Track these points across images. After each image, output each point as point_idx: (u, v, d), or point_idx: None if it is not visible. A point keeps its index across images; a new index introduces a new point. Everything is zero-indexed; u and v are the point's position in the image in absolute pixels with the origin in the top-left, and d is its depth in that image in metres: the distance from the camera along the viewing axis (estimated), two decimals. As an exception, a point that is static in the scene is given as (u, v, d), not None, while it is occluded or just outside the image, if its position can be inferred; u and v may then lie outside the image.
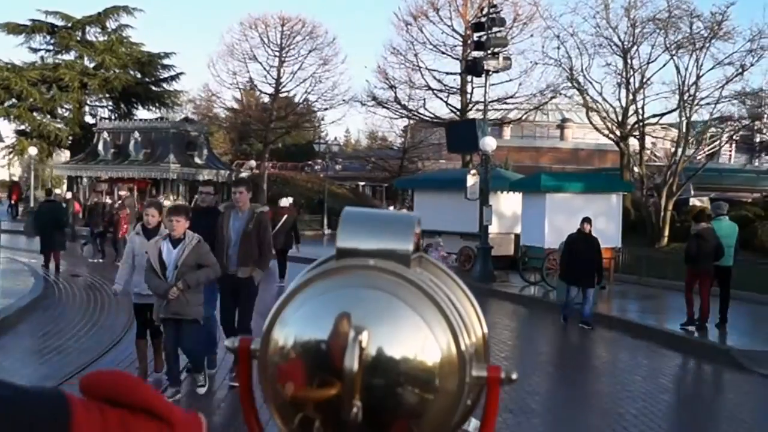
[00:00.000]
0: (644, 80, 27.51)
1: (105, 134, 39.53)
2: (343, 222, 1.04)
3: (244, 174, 40.31)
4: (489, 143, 19.97)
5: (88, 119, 43.81)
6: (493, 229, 21.01)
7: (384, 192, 49.00)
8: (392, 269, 0.98)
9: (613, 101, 28.71)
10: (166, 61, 44.39)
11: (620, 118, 28.20)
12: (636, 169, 27.39)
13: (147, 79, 44.54)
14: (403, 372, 0.93)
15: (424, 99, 34.28)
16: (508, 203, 22.37)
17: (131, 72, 43.83)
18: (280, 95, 40.11)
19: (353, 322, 0.92)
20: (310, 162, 53.21)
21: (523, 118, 34.75)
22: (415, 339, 0.94)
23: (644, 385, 9.96)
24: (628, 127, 28.24)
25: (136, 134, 38.38)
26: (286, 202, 20.16)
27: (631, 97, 27.84)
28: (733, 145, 30.60)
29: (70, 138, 43.23)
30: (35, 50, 43.45)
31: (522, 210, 20.46)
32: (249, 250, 8.45)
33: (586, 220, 14.12)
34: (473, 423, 1.08)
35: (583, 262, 13.67)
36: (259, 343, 1.00)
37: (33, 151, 33.00)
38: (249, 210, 8.59)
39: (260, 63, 39.03)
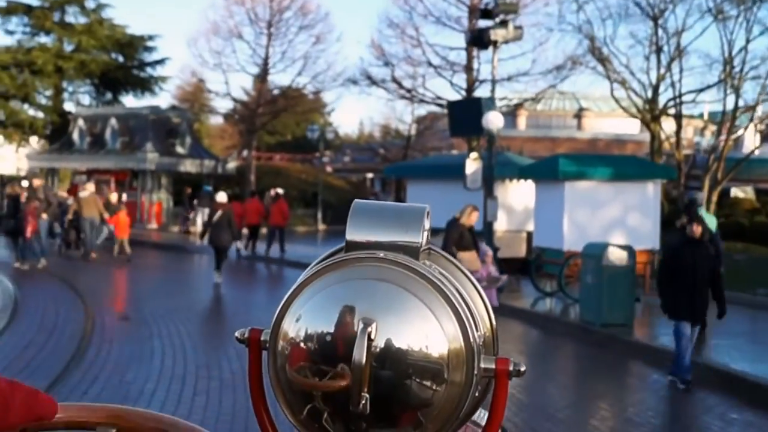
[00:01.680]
0: (680, 48, 23.60)
1: (80, 122, 36.12)
2: (352, 214, 1.03)
3: (231, 164, 36.81)
4: (493, 120, 16.32)
5: (69, 107, 40.25)
6: (500, 226, 17.54)
7: (393, 185, 46.00)
8: (401, 261, 0.98)
9: (642, 77, 24.98)
10: (149, 44, 40.75)
11: (650, 95, 24.43)
12: (667, 155, 23.76)
13: (129, 63, 41.00)
14: (411, 363, 0.93)
15: (424, 76, 30.53)
16: (517, 194, 18.68)
17: (112, 55, 40.30)
18: (269, 77, 36.34)
19: (361, 314, 0.93)
20: (317, 154, 49.88)
21: (538, 98, 30.87)
22: (424, 330, 0.93)
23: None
24: (660, 105, 24.43)
25: (113, 121, 34.92)
26: (222, 197, 17.61)
27: (662, 70, 24.06)
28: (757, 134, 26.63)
29: (49, 127, 39.79)
30: (11, 33, 40.04)
31: (535, 203, 16.61)
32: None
33: (696, 219, 9.80)
34: (484, 414, 1.08)
35: (693, 284, 8.97)
36: (268, 333, 1.00)
37: (-1, 140, 29.66)
38: None
39: (246, 42, 35.37)
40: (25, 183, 19.84)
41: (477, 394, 0.99)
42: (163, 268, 21.82)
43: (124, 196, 29.48)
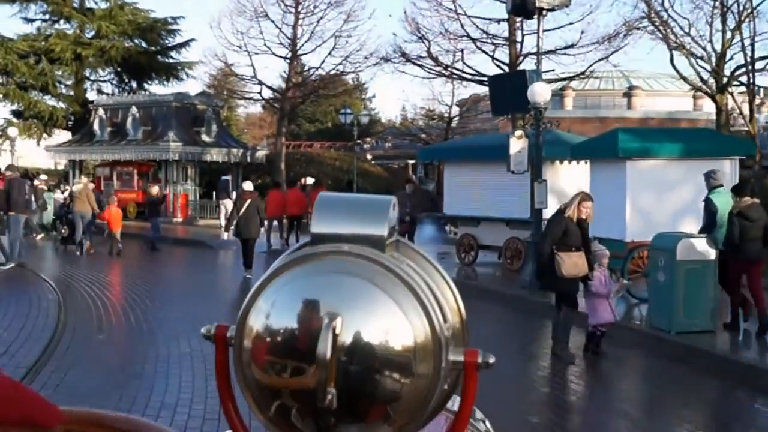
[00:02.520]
0: (753, 6, 20.88)
1: (101, 111, 34.40)
2: (317, 207, 1.03)
3: (260, 152, 34.79)
4: (540, 92, 13.96)
5: (92, 96, 38.49)
6: (550, 213, 15.12)
7: (436, 171, 43.98)
8: (366, 254, 0.97)
9: (705, 44, 22.31)
10: (172, 27, 38.78)
11: (715, 63, 21.80)
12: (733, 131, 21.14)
13: (152, 48, 39.11)
14: (377, 357, 0.93)
15: (462, 51, 28.03)
16: (569, 177, 16.27)
17: (134, 41, 38.44)
18: (298, 59, 34.06)
19: (327, 308, 0.92)
20: (359, 141, 47.85)
21: (588, 73, 28.27)
22: (389, 324, 0.93)
23: None
24: (726, 74, 21.79)
25: (134, 110, 33.15)
26: (248, 186, 16.66)
27: (729, 34, 21.39)
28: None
29: (71, 117, 38.11)
30: (30, 21, 38.30)
31: (590, 186, 14.18)
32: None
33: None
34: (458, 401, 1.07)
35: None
36: (234, 330, 0.99)
37: (13, 132, 27.85)
38: None
39: (272, 21, 33.14)
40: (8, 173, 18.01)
41: (446, 387, 0.98)
42: (188, 265, 20.07)
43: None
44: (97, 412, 1.10)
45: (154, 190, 23.69)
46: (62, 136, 39.35)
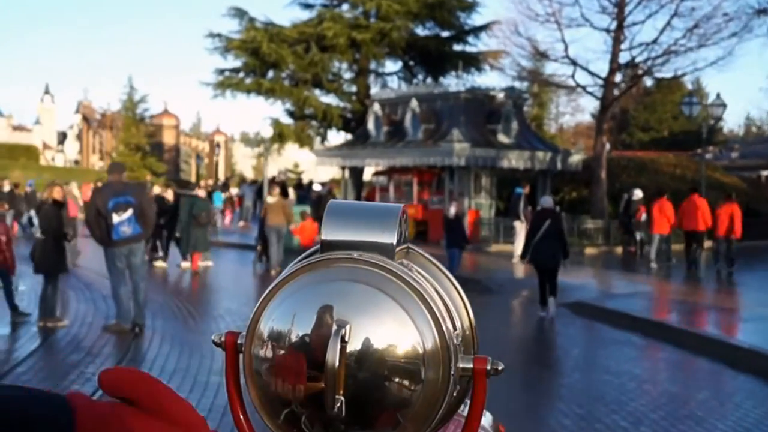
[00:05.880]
0: None
1: (376, 107, 28.00)
2: (327, 214, 1.02)
3: (575, 157, 26.50)
4: None
5: (375, 91, 32.23)
6: None
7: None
8: (376, 261, 0.97)
9: None
10: (468, 1, 31.50)
11: None
12: None
13: (445, 33, 32.23)
14: (386, 365, 0.92)
15: None
16: None
17: (422, 23, 31.77)
18: (623, 29, 25.10)
19: (336, 316, 0.93)
20: (699, 150, 38.49)
21: None
22: (399, 331, 0.93)
23: None
24: None
25: (414, 104, 26.32)
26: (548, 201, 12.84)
27: None
28: None
29: (350, 116, 32.28)
30: (309, 6, 32.86)
31: None
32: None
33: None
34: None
35: None
36: (244, 337, 0.99)
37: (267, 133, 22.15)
38: None
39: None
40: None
41: (456, 393, 0.99)
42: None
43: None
44: None
45: (452, 210, 16.30)
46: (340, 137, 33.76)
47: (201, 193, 19.43)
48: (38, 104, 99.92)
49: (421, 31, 31.79)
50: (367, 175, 31.33)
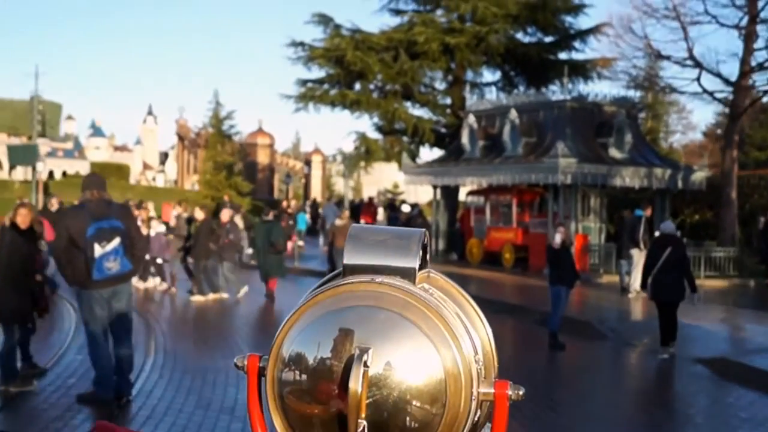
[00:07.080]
0: None
1: (471, 119, 25.19)
2: (350, 238, 1.04)
3: (698, 174, 23.06)
4: None
5: (471, 104, 29.36)
6: None
7: None
8: (397, 285, 0.98)
9: None
10: (575, 3, 28.32)
11: None
12: None
13: (548, 38, 29.20)
14: (408, 390, 0.93)
15: None
16: None
17: (523, 28, 28.79)
18: (756, 24, 21.52)
19: (358, 340, 0.93)
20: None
21: None
22: (420, 356, 0.94)
23: None
24: None
25: (513, 115, 23.40)
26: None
27: None
28: None
29: (444, 131, 29.55)
30: (399, 12, 30.30)
31: None
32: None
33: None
34: None
35: None
36: (266, 360, 1.00)
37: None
38: None
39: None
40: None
41: (477, 418, 0.99)
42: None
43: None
44: None
45: (557, 238, 12.62)
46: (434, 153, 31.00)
47: (269, 216, 17.08)
48: (140, 125, 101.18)
49: (521, 37, 28.78)
50: (462, 194, 28.49)
